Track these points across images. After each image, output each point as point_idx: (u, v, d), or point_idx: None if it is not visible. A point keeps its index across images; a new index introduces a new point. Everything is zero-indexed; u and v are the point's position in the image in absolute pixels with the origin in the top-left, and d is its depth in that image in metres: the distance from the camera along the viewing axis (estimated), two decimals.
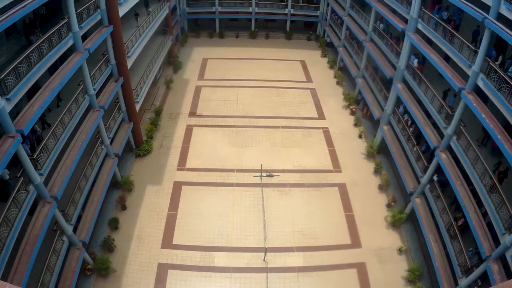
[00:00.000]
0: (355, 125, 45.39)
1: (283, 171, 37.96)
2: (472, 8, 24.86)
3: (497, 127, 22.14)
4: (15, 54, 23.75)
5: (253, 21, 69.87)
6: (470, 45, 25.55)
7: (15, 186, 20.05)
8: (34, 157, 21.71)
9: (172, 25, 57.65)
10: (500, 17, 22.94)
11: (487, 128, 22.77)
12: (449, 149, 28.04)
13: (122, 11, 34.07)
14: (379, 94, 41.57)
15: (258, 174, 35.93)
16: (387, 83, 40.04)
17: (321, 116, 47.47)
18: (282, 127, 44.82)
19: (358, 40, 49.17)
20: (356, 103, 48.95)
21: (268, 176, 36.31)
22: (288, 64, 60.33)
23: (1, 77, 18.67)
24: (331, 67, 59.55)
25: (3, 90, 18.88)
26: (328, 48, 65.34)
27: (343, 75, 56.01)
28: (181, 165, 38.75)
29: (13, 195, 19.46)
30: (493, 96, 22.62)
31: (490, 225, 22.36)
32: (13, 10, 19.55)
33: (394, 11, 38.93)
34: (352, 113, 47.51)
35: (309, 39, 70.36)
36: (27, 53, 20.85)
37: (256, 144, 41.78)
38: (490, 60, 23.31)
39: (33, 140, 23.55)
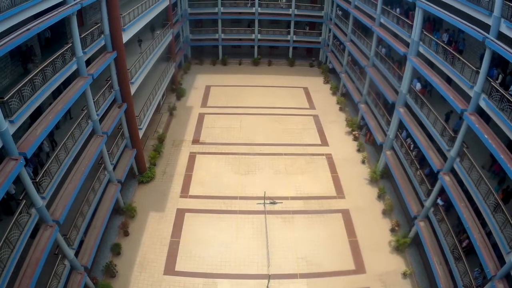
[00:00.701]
0: (358, 150, 45.74)
1: (286, 198, 38.12)
2: (472, 28, 25.46)
3: (499, 147, 22.49)
4: (19, 76, 24.37)
5: (255, 48, 71.10)
6: (470, 65, 26.10)
7: (18, 207, 20.49)
8: (37, 180, 22.08)
9: (176, 52, 58.80)
10: (500, 36, 23.48)
11: (489, 148, 23.07)
12: (452, 171, 28.33)
13: (126, 37, 34.89)
14: (382, 119, 42.09)
15: (261, 201, 36.07)
16: (390, 108, 40.66)
17: (324, 142, 47.89)
18: (285, 154, 45.18)
19: (360, 65, 49.98)
20: (359, 129, 49.44)
21: (271, 203, 36.45)
22: (291, 91, 61.09)
23: (5, 99, 19.14)
24: (334, 93, 60.27)
25: (6, 112, 19.33)
26: (330, 74, 66.26)
27: (346, 101, 56.62)
28: (184, 192, 39.01)
29: (15, 218, 19.82)
30: (495, 116, 23.05)
31: (495, 245, 22.52)
32: (18, 33, 20.19)
33: (395, 35, 39.89)
34: (355, 138, 47.95)
35: (311, 65, 71.37)
36: (31, 76, 21.48)
37: (259, 171, 42.08)
38: (491, 80, 23.79)
39: (36, 163, 24.04)
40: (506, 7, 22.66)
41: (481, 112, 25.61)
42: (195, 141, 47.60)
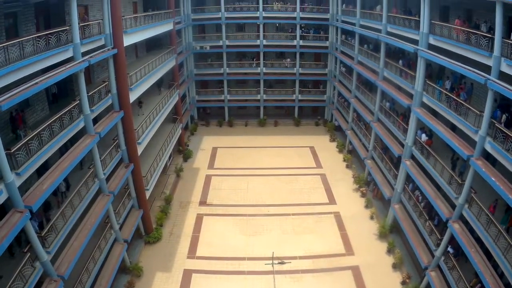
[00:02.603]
0: (366, 207, 46.28)
1: (294, 257, 38.28)
2: (473, 71, 26.55)
3: (507, 187, 23.14)
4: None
5: (261, 108, 72.96)
6: (474, 109, 26.97)
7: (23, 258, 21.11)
8: (42, 235, 22.74)
9: (182, 113, 60.52)
10: (502, 75, 24.39)
11: (497, 190, 23.67)
12: (461, 218, 28.82)
13: (133, 96, 36.41)
14: (389, 173, 42.90)
15: (270, 261, 36.33)
16: (396, 162, 41.66)
17: (331, 201, 48.47)
18: (293, 214, 45.64)
19: (365, 121, 51.37)
20: (366, 185, 50.16)
21: (279, 263, 36.62)
22: (297, 151, 62.25)
23: (12, 151, 20.12)
24: (340, 151, 61.35)
25: (13, 164, 20.29)
26: (336, 132, 67.71)
27: (352, 158, 57.69)
28: (191, 253, 39.35)
29: (19, 269, 20.33)
30: (502, 158, 23.79)
31: (507, 285, 22.90)
32: (26, 86, 21.51)
33: (399, 88, 41.20)
34: (363, 195, 48.58)
35: (317, 124, 73.05)
36: (38, 130, 22.57)
37: (267, 232, 42.43)
38: (495, 122, 24.63)
39: (42, 218, 24.87)
40: (505, 45, 23.62)
41: (487, 155, 26.44)
42: (202, 202, 48.31)
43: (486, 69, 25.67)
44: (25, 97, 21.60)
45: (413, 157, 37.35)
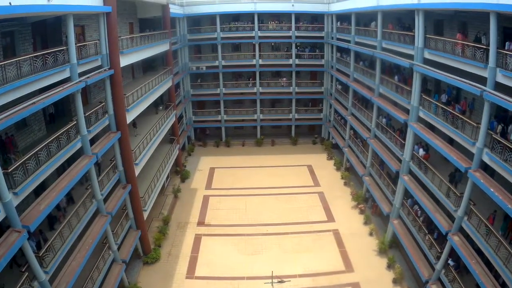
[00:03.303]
0: (365, 223, 46.21)
1: (294, 276, 38.16)
2: (469, 84, 26.83)
3: (506, 197, 23.29)
4: (23, 149, 25.40)
5: (258, 128, 73.26)
6: (470, 121, 27.20)
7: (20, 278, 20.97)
8: (40, 255, 22.68)
9: (179, 134, 60.69)
10: (498, 86, 24.70)
11: (496, 201, 23.81)
12: (460, 230, 28.91)
13: (130, 117, 36.49)
14: (387, 189, 43.06)
15: (269, 280, 36.28)
16: (394, 178, 41.80)
17: (330, 218, 48.42)
18: (292, 233, 45.52)
19: (362, 138, 51.51)
20: (365, 202, 50.20)
21: (279, 282, 36.60)
22: (295, 170, 62.33)
23: (9, 171, 20.20)
24: (338, 168, 61.47)
25: (10, 184, 20.34)
26: (333, 150, 67.88)
27: (350, 175, 57.83)
28: (190, 273, 39.16)
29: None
30: (500, 168, 23.97)
31: None
32: (24, 105, 21.65)
33: (395, 103, 41.57)
34: (361, 212, 48.55)
35: (314, 142, 73.17)
36: (35, 150, 22.63)
37: (266, 251, 42.32)
38: (492, 133, 24.86)
39: (39, 238, 24.79)
40: (500, 55, 23.93)
41: (485, 167, 26.63)
42: (200, 223, 48.20)
43: (483, 81, 26.00)
44: (23, 117, 21.78)
45: (411, 172, 37.50)
